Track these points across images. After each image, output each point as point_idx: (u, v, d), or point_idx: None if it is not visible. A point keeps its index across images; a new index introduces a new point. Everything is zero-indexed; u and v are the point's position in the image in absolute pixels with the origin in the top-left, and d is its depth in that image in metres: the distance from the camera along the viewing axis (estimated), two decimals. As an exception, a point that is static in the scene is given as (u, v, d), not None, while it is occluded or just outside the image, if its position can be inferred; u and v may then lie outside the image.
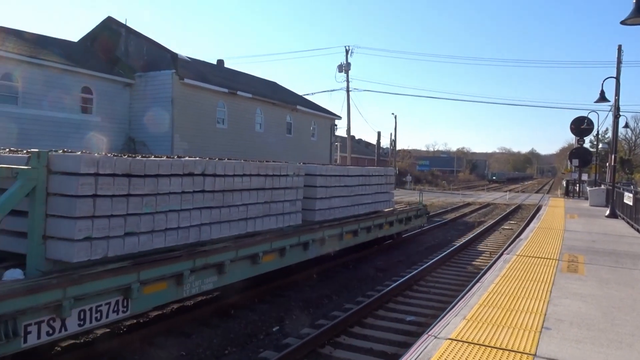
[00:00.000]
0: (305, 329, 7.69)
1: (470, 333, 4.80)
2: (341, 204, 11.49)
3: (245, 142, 24.97)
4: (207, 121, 22.48)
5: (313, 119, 32.38)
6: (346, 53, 40.55)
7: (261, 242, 8.06)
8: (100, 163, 5.57)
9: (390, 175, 14.26)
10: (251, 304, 8.86)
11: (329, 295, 9.75)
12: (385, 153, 78.06)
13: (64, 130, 18.65)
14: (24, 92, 17.55)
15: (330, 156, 34.93)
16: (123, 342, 6.72)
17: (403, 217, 14.66)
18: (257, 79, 32.73)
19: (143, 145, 21.08)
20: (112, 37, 23.21)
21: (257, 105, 26.29)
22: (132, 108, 21.62)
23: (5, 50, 16.84)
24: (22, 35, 20.29)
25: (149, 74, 21.32)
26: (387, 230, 13.67)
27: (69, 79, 19.03)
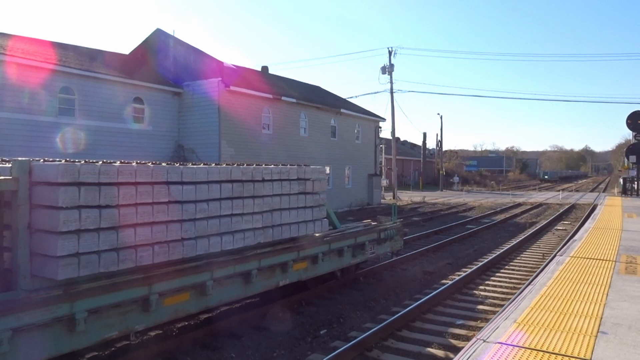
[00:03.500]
0: (353, 332, 7.71)
1: (522, 337, 4.69)
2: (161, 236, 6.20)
3: (290, 146, 25.23)
4: (252, 127, 22.88)
5: (357, 121, 32.33)
6: (389, 54, 40.27)
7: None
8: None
9: (318, 180, 8.90)
10: (298, 307, 8.96)
11: (376, 298, 9.72)
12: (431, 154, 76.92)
13: (119, 139, 19.46)
14: (81, 104, 18.44)
15: (375, 159, 34.77)
16: (175, 343, 6.95)
17: (342, 246, 9.40)
18: (301, 84, 33.02)
19: (192, 152, 21.69)
20: (161, 48, 24.06)
21: (301, 110, 26.53)
22: (181, 116, 22.29)
23: (64, 65, 17.77)
24: (79, 50, 21.35)
25: (196, 82, 21.93)
26: (303, 270, 8.45)
27: (121, 90, 19.85)
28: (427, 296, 9.30)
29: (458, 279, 10.69)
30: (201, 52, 23.04)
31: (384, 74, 40.53)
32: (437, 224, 22.71)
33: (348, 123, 31.14)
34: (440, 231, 19.75)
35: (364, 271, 11.68)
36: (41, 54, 17.78)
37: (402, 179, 61.30)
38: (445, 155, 71.93)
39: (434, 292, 9.59)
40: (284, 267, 7.87)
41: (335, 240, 9.28)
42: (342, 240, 9.51)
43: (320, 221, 8.97)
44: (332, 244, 9.12)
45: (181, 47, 23.45)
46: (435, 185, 60.50)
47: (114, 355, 6.56)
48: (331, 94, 35.67)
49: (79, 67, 18.37)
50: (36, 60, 16.91)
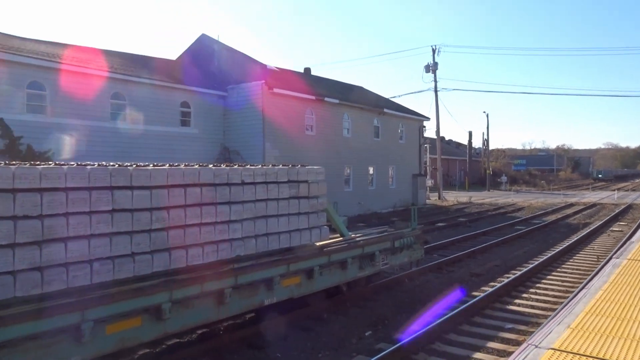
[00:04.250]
0: (398, 334, 7.62)
1: (576, 343, 4.50)
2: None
3: (334, 147, 25.24)
4: (296, 128, 23.04)
5: (400, 121, 32.00)
6: (433, 52, 39.67)
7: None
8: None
9: (315, 182, 7.92)
10: (344, 309, 8.94)
11: (422, 300, 9.58)
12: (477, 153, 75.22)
13: (167, 142, 20.03)
14: (130, 109, 19.10)
15: (420, 158, 34.30)
16: (222, 342, 7.07)
17: (345, 257, 8.41)
18: (343, 85, 33.00)
19: (237, 154, 22.06)
20: (206, 53, 24.62)
21: (344, 111, 26.50)
22: (226, 119, 22.71)
23: (115, 72, 18.47)
24: (128, 57, 22.14)
25: (240, 85, 22.29)
26: (295, 286, 7.49)
27: (169, 95, 20.43)
28: (474, 299, 9.09)
29: (507, 282, 10.39)
30: (245, 56, 23.41)
31: (427, 72, 39.98)
32: (484, 225, 22.17)
33: (391, 123, 30.87)
34: (488, 232, 19.26)
35: (408, 273, 11.54)
36: (94, 62, 18.53)
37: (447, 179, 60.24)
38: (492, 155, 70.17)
39: (481, 295, 9.36)
40: (270, 284, 6.82)
41: (336, 251, 8.15)
42: (345, 251, 8.39)
43: (319, 229, 7.92)
44: (332, 256, 8.02)
45: (225, 52, 23.92)
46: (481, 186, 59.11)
47: (163, 352, 6.74)
48: (374, 94, 35.46)
49: (129, 74, 19.03)
50: (89, 68, 17.64)
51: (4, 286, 4.35)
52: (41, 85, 16.35)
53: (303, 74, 30.13)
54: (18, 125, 15.37)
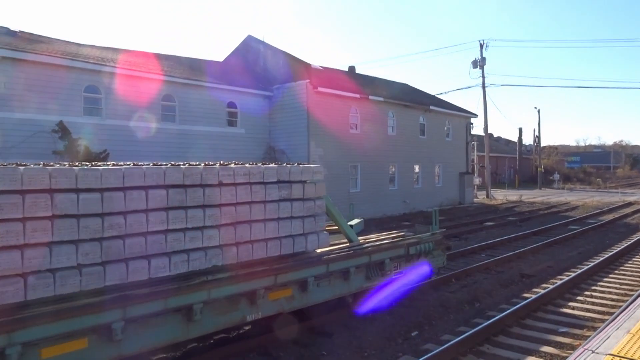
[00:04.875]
0: (446, 335, 7.51)
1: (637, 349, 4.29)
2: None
3: (378, 145, 25.08)
4: (340, 127, 23.03)
5: (447, 118, 31.42)
6: (480, 47, 38.72)
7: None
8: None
9: (311, 183, 7.13)
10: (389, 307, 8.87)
11: (470, 301, 9.39)
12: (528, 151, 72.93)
13: (214, 142, 20.49)
14: (180, 110, 19.66)
15: (467, 156, 33.58)
16: (269, 339, 7.17)
17: (346, 267, 7.45)
18: (388, 82, 32.72)
19: (282, 153, 22.29)
20: (252, 53, 25.02)
21: (389, 109, 26.27)
22: (271, 118, 22.99)
23: (165, 74, 19.06)
24: (178, 59, 22.80)
25: (285, 85, 22.51)
26: (286, 300, 6.68)
27: (216, 96, 20.88)
28: (525, 300, 8.81)
29: (560, 283, 10.02)
30: (289, 56, 23.62)
31: (475, 68, 39.07)
32: (536, 224, 21.47)
33: (437, 120, 30.37)
34: (539, 232, 18.64)
35: (455, 272, 11.34)
36: (146, 66, 19.19)
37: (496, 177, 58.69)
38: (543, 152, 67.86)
39: (533, 297, 9.07)
40: (253, 297, 6.09)
41: (336, 260, 7.25)
42: (347, 259, 7.46)
43: (317, 235, 7.09)
44: (331, 265, 7.11)
45: (270, 52, 24.21)
46: (532, 184, 57.22)
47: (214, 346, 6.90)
48: (419, 91, 34.99)
49: (179, 76, 19.59)
50: (141, 71, 18.27)
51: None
52: (97, 89, 17.08)
53: (347, 72, 30.10)
54: (76, 127, 16.10)
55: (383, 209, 24.82)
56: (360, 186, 24.24)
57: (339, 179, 22.78)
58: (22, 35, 18.13)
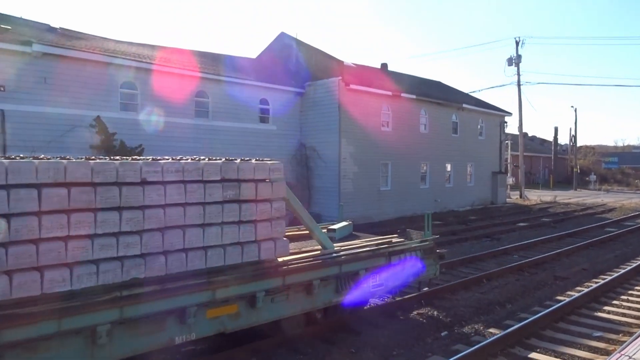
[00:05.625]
0: (476, 336, 7.42)
1: (676, 356, 4.16)
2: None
3: (410, 143, 24.84)
4: (372, 125, 22.91)
5: (480, 117, 30.88)
6: (516, 44, 37.89)
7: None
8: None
9: (269, 182, 6.17)
10: (418, 307, 8.83)
11: (501, 302, 9.25)
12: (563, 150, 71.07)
13: (246, 139, 20.69)
14: (213, 106, 19.92)
15: (500, 155, 32.94)
16: (299, 337, 7.21)
17: (309, 279, 6.60)
18: (421, 80, 32.35)
19: (313, 150, 22.34)
20: (284, 50, 25.13)
21: (422, 106, 26.00)
22: (303, 115, 23.05)
23: (199, 71, 19.35)
24: (212, 56, 23.10)
25: (317, 82, 22.51)
26: (229, 318, 5.87)
27: (249, 92, 21.06)
28: (559, 303, 8.63)
29: (595, 287, 9.76)
30: (322, 53, 23.62)
31: (510, 65, 38.28)
32: (570, 225, 20.94)
33: (470, 118, 29.89)
34: (574, 234, 18.17)
35: (487, 273, 11.17)
36: (180, 62, 19.51)
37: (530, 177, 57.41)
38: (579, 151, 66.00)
39: (567, 299, 8.87)
40: (182, 316, 5.30)
41: (295, 271, 6.34)
42: (309, 271, 6.51)
43: (273, 242, 6.13)
44: (288, 277, 6.23)
45: (303, 49, 24.26)
46: (567, 184, 55.74)
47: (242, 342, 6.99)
48: (452, 88, 34.50)
49: (212, 73, 19.85)
50: (176, 68, 18.59)
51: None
52: (133, 85, 17.47)
53: (380, 69, 29.92)
54: (112, 122, 16.52)
55: (414, 207, 24.61)
56: (391, 184, 24.09)
57: (369, 177, 22.72)
58: (62, 32, 18.68)
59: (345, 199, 21.56)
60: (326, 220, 21.42)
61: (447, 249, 15.35)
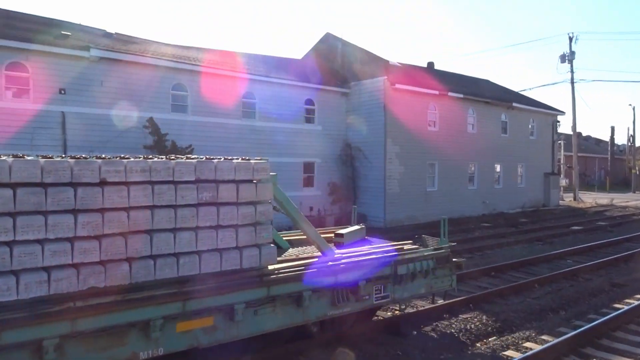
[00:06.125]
0: (527, 342, 7.20)
1: None
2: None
3: (457, 143, 24.36)
4: (418, 124, 22.62)
5: (531, 116, 29.91)
6: (570, 41, 36.49)
7: None
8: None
9: (253, 183, 5.68)
10: (465, 310, 8.65)
11: (554, 308, 8.93)
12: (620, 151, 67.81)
13: (292, 139, 20.87)
14: (260, 107, 20.22)
15: (553, 156, 31.80)
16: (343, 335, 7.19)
17: (298, 290, 6.01)
18: (468, 78, 31.67)
19: (359, 150, 22.29)
20: (330, 51, 25.19)
21: (469, 105, 25.45)
22: (348, 115, 23.01)
23: (247, 72, 19.69)
24: (258, 58, 23.45)
25: (363, 82, 22.44)
26: (204, 332, 5.35)
27: (295, 93, 21.25)
28: (617, 311, 8.24)
29: (657, 295, 9.26)
30: (368, 53, 23.53)
31: (563, 62, 36.96)
32: (629, 230, 19.94)
33: (521, 117, 29.00)
34: (633, 239, 17.30)
35: (538, 278, 10.81)
36: (228, 64, 19.91)
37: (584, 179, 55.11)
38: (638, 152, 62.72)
39: (625, 307, 8.46)
40: (146, 330, 4.83)
41: (282, 281, 5.80)
42: (298, 281, 5.93)
43: (257, 249, 5.59)
44: (273, 287, 5.71)
45: (349, 49, 24.24)
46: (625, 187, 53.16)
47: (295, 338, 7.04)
48: (502, 87, 33.59)
49: (259, 74, 20.15)
50: (224, 70, 18.99)
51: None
52: (183, 87, 17.97)
53: (426, 68, 29.50)
54: (164, 123, 17.04)
55: (461, 209, 24.14)
56: (438, 185, 23.72)
57: (416, 177, 22.45)
58: (117, 37, 19.43)
59: (391, 199, 21.39)
60: (372, 221, 21.37)
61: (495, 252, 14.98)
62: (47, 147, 14.46)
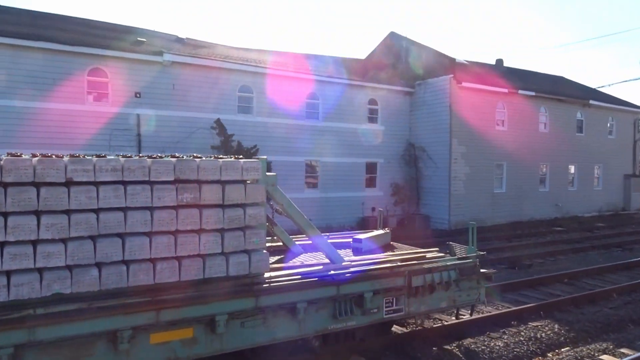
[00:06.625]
0: (604, 355, 6.77)
1: None
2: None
3: (528, 143, 23.32)
4: (485, 124, 21.90)
5: (610, 114, 28.10)
6: (655, 33, 33.90)
7: None
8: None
9: (241, 184, 5.22)
10: (536, 318, 8.27)
11: (635, 319, 8.35)
12: None
13: (354, 139, 20.81)
14: (323, 107, 20.35)
15: (634, 157, 29.72)
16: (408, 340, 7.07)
17: (291, 301, 5.51)
18: (540, 75, 30.25)
19: (422, 150, 21.88)
20: (394, 50, 24.91)
21: (541, 104, 24.31)
22: (412, 115, 22.67)
23: (310, 73, 19.88)
24: (322, 58, 23.61)
25: (428, 81, 22.01)
26: (183, 345, 4.96)
27: (358, 93, 21.20)
28: None
29: None
30: (433, 51, 23.06)
31: (647, 56, 34.34)
32: None
33: (598, 116, 27.33)
34: None
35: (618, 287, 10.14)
36: (292, 65, 20.19)
37: (669, 181, 51.03)
38: None
39: None
40: (114, 341, 4.50)
41: (273, 291, 5.31)
42: (292, 291, 5.43)
43: (247, 255, 5.15)
44: (262, 297, 5.23)
45: (413, 47, 23.86)
46: None
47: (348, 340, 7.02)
48: (577, 84, 31.83)
49: (322, 74, 20.28)
50: (288, 71, 19.27)
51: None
52: (249, 88, 18.43)
53: (495, 66, 28.50)
54: (230, 124, 17.55)
55: (531, 211, 23.13)
56: (506, 186, 22.84)
57: (482, 179, 21.76)
58: (188, 41, 20.24)
59: (456, 201, 20.85)
60: (436, 223, 20.96)
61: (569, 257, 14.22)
62: (123, 147, 15.33)
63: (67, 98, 15.07)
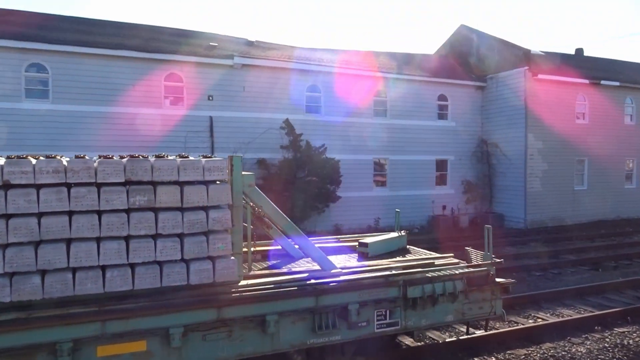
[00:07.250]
0: (702, 366, 6.22)
1: None
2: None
3: (611, 137, 21.81)
4: (564, 117, 20.73)
5: None
6: None
7: None
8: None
9: (202, 185, 4.80)
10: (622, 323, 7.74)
11: None
12: None
13: (424, 136, 20.44)
14: (391, 105, 20.12)
15: None
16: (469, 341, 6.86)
17: (262, 313, 5.00)
18: (626, 64, 28.16)
19: (495, 146, 21.09)
20: (464, 43, 24.16)
21: (627, 94, 22.64)
22: (484, 110, 21.89)
23: (377, 71, 19.74)
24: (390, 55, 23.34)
25: (500, 74, 21.16)
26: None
27: (427, 89, 20.77)
28: None
29: None
30: (506, 42, 22.14)
31: None
32: None
33: (695, 105, 25.06)
34: None
35: None
36: (359, 63, 20.12)
37: None
38: None
39: None
40: (55, 353, 4.21)
41: (238, 302, 4.87)
42: (260, 302, 4.97)
43: (209, 262, 4.77)
44: (225, 309, 4.80)
45: (485, 40, 23.04)
46: None
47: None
48: (669, 71, 29.32)
49: (389, 71, 20.07)
50: (355, 69, 19.24)
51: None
52: (317, 88, 18.60)
53: (574, 55, 26.90)
54: (299, 123, 17.79)
55: (617, 210, 21.66)
56: (588, 183, 21.53)
57: (561, 175, 20.66)
58: (257, 44, 20.72)
59: (533, 199, 19.95)
60: (512, 222, 20.15)
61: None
62: (197, 148, 15.99)
63: (147, 103, 15.98)
